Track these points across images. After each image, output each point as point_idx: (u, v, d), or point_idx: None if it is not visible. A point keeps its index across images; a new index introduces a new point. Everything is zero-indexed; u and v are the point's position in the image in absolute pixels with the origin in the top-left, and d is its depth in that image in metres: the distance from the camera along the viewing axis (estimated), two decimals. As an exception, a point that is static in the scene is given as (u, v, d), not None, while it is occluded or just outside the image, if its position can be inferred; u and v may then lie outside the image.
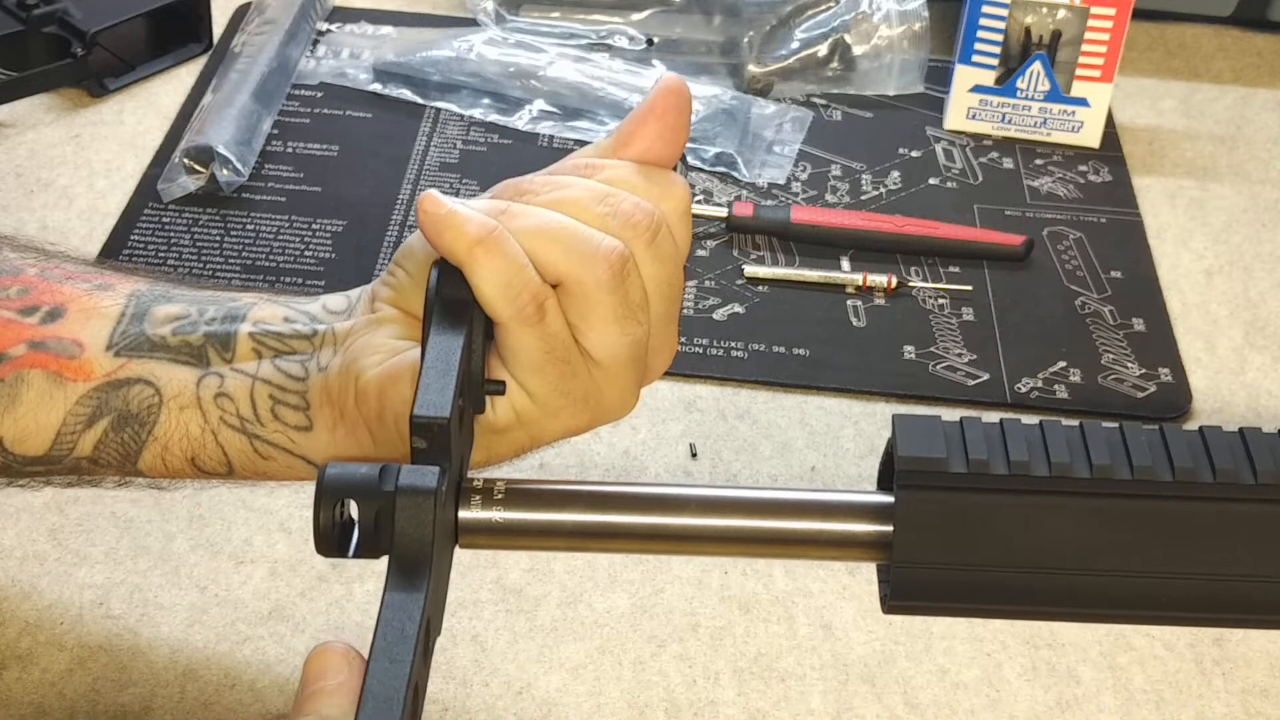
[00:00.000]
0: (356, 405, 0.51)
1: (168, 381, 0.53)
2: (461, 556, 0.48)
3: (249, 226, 0.90)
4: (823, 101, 1.03)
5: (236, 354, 0.54)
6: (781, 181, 0.96)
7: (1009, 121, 1.00)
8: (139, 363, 0.54)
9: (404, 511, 0.43)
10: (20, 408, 0.53)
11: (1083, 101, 0.99)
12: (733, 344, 0.84)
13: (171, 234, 0.89)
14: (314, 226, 0.90)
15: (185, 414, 0.53)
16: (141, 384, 0.53)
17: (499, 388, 0.50)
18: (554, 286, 0.48)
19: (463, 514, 0.47)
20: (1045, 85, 0.98)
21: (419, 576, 0.43)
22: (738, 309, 0.87)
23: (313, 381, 0.53)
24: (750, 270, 0.89)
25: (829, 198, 0.95)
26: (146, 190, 0.92)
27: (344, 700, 0.42)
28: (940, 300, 0.88)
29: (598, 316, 0.48)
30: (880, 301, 0.88)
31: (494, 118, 0.99)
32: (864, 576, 0.73)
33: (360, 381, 0.51)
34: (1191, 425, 0.59)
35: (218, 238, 0.89)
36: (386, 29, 1.06)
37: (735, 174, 0.96)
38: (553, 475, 0.77)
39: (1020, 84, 0.99)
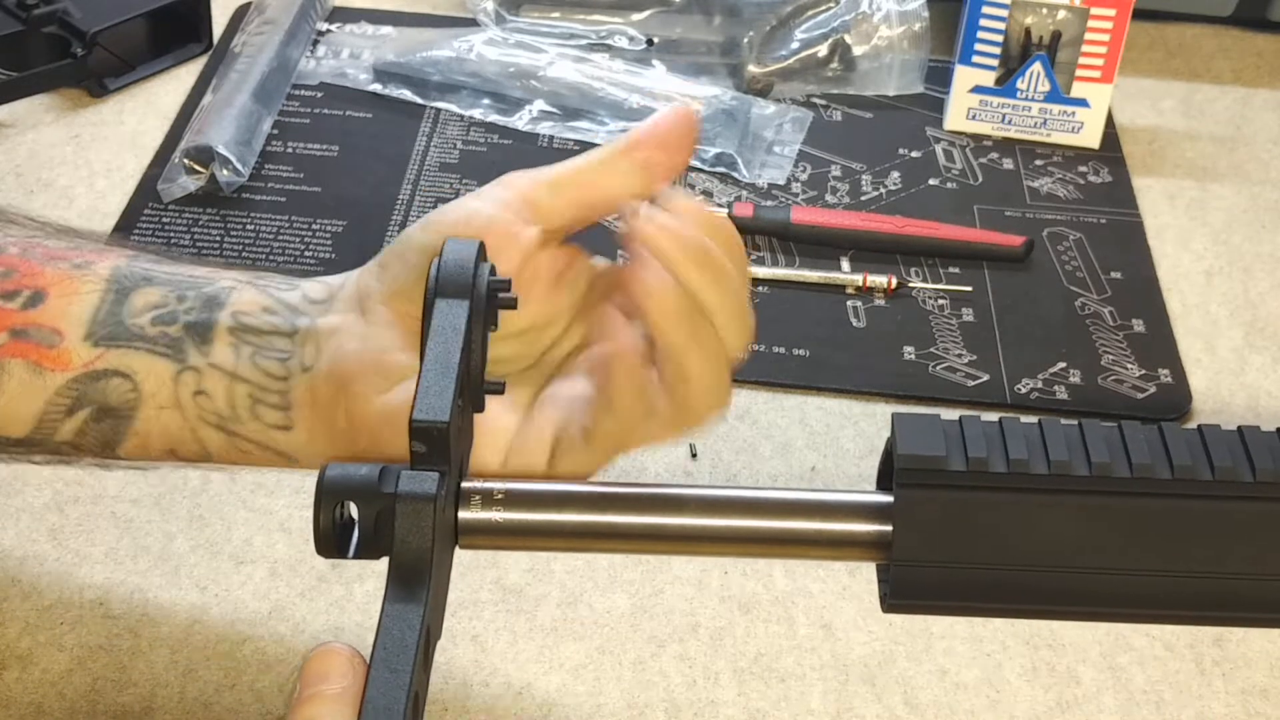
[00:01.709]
0: (348, 425, 0.51)
1: (146, 376, 0.53)
2: (461, 556, 0.48)
3: (249, 226, 0.90)
4: (823, 102, 1.03)
5: (215, 345, 0.53)
6: (781, 182, 0.96)
7: (1009, 122, 1.00)
8: (117, 353, 0.53)
9: (404, 519, 0.43)
10: (2, 397, 0.53)
11: (1083, 102, 0.99)
12: (733, 344, 0.84)
13: (171, 234, 0.89)
14: (314, 226, 0.90)
15: (164, 412, 0.53)
16: (120, 377, 0.53)
17: (498, 387, 0.50)
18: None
19: (463, 515, 0.47)
20: (1045, 86, 0.98)
21: (419, 584, 0.43)
22: (738, 309, 0.86)
23: (294, 382, 0.52)
24: (750, 271, 0.88)
25: (829, 198, 0.95)
26: (146, 190, 0.92)
27: (345, 708, 0.42)
28: (940, 301, 0.88)
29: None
30: (880, 302, 0.88)
31: (494, 118, 0.99)
32: (864, 576, 0.73)
33: (357, 407, 0.51)
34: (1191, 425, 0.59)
35: (218, 238, 0.89)
36: (386, 29, 1.06)
37: (735, 174, 0.96)
38: (552, 475, 0.77)
39: (1020, 84, 0.99)
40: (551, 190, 0.52)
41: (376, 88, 1.01)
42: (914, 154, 1.00)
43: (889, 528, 0.46)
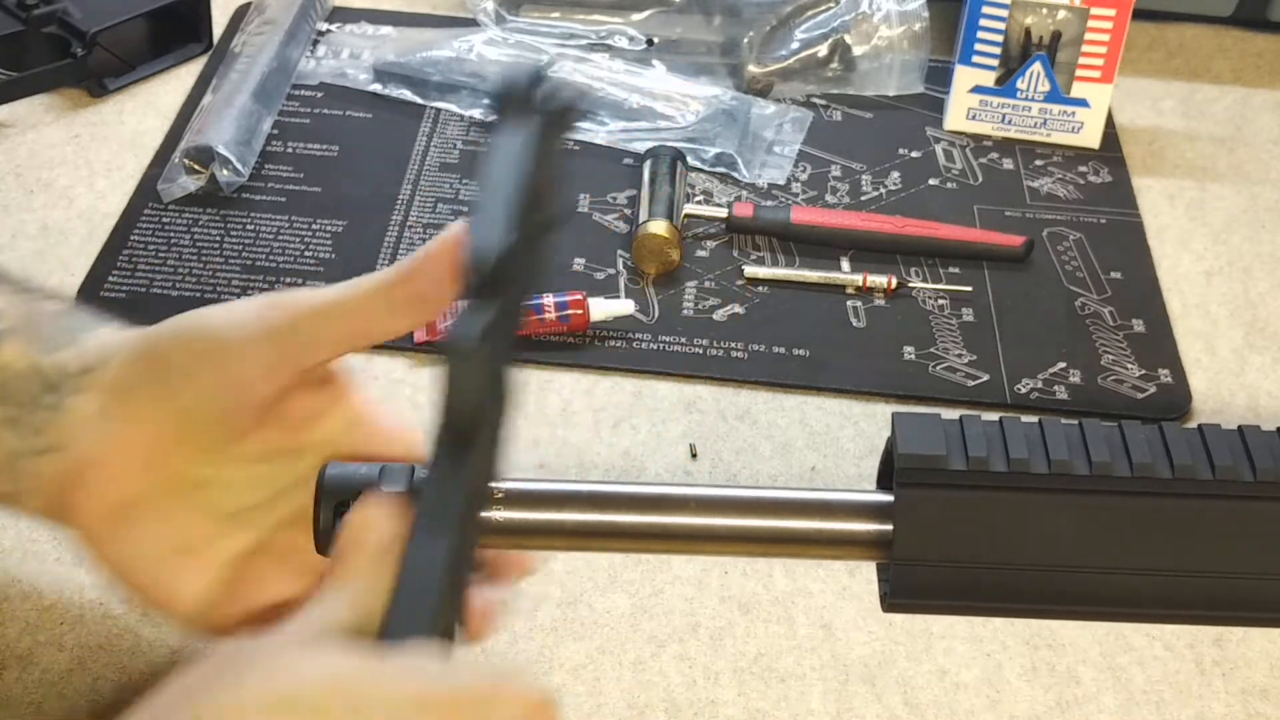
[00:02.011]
0: (75, 516, 0.50)
1: None
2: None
3: (249, 226, 0.90)
4: (823, 102, 1.03)
5: None
6: (781, 182, 0.96)
7: (1009, 122, 1.00)
8: None
9: (454, 367, 0.40)
10: None
11: (1083, 102, 0.99)
12: (733, 344, 0.84)
13: (171, 234, 0.89)
14: (314, 226, 0.90)
15: None
16: None
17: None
18: None
19: (463, 513, 0.47)
20: (1045, 86, 0.98)
21: (468, 442, 0.40)
22: (738, 309, 0.86)
23: (37, 461, 0.51)
24: (750, 271, 0.89)
25: (829, 198, 0.95)
26: (146, 190, 0.92)
27: (380, 575, 0.40)
28: (940, 301, 0.88)
29: None
30: (880, 302, 0.88)
31: (494, 118, 0.99)
32: (864, 576, 0.73)
33: (81, 505, 0.50)
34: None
35: (218, 238, 0.89)
36: (386, 29, 1.06)
37: (735, 174, 0.96)
38: (553, 476, 0.77)
39: (1020, 84, 0.99)
40: (317, 320, 0.50)
41: (376, 88, 1.01)
42: (914, 154, 1.00)
43: (889, 527, 0.46)
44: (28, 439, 0.51)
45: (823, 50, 1.02)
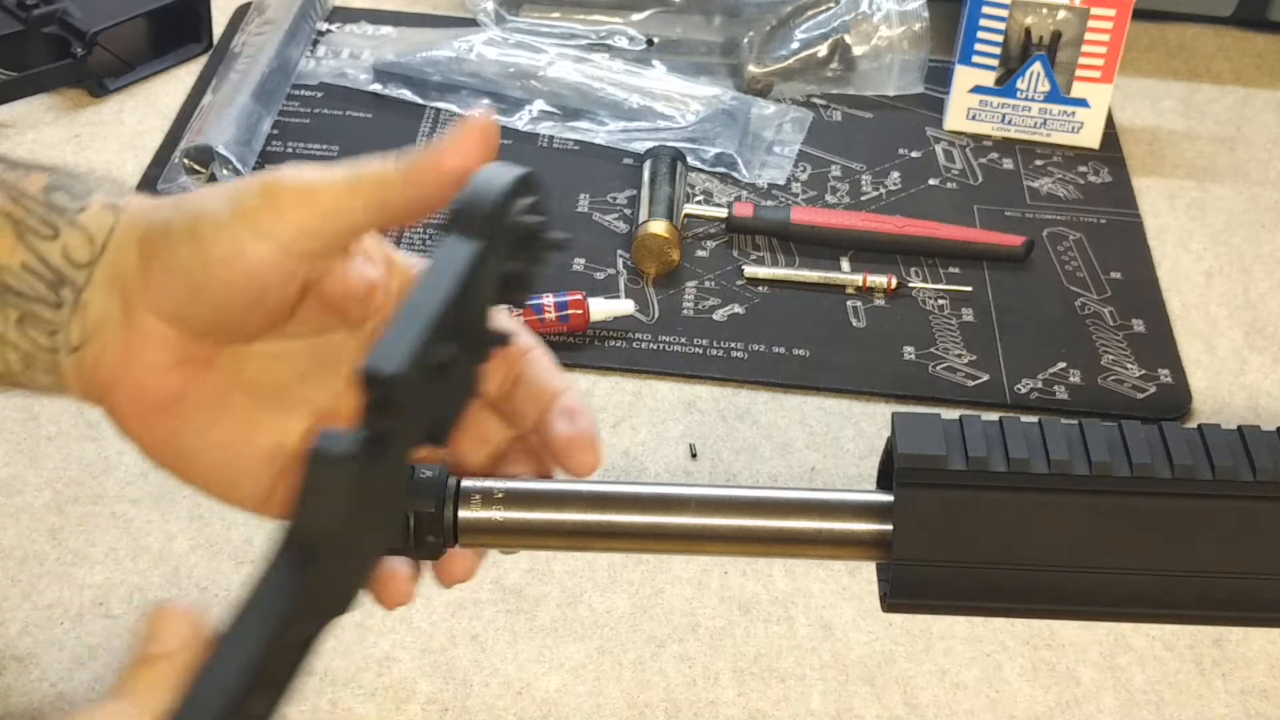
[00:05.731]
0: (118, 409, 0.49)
1: None
2: (461, 555, 0.48)
3: (249, 227, 0.89)
4: (823, 102, 1.03)
5: None
6: (781, 182, 0.96)
7: (1009, 122, 1.00)
8: None
9: (311, 481, 0.37)
10: None
11: (1083, 102, 0.99)
12: (733, 344, 0.84)
13: (171, 234, 0.88)
14: (314, 227, 0.90)
15: None
16: None
17: (503, 340, 0.46)
18: None
19: (462, 513, 0.47)
20: (1045, 86, 0.98)
21: (311, 557, 0.38)
22: (738, 309, 0.87)
23: (62, 357, 0.48)
24: (750, 271, 0.89)
25: (829, 198, 0.95)
26: (146, 190, 0.92)
27: (168, 680, 0.37)
28: (940, 301, 0.88)
29: None
30: (880, 302, 0.88)
31: (494, 118, 0.99)
32: (864, 577, 0.73)
33: (120, 412, 0.48)
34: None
35: (218, 238, 0.89)
36: (386, 29, 1.06)
37: (735, 174, 0.96)
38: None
39: (1020, 85, 0.99)
40: (308, 200, 0.48)
41: (376, 88, 1.01)
42: (914, 154, 1.00)
43: (889, 527, 0.46)
44: (55, 337, 0.49)
45: (823, 50, 1.02)
